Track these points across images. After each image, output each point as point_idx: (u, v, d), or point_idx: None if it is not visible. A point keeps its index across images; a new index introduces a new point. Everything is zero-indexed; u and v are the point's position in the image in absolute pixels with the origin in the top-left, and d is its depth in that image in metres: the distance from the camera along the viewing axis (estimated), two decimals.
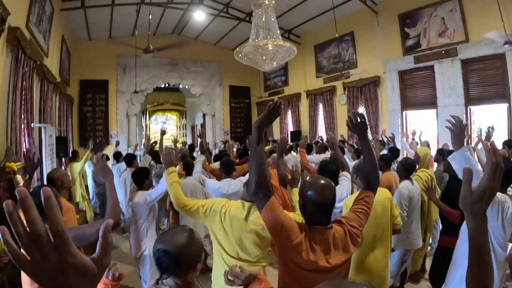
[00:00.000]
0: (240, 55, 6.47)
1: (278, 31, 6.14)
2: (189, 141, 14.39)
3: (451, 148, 6.09)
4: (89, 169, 7.38)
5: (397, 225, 3.04)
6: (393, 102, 8.71)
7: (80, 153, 7.23)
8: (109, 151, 10.73)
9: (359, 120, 1.82)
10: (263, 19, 5.98)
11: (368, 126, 9.07)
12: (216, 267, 2.23)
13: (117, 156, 6.76)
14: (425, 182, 3.53)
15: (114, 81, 11.51)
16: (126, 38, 10.81)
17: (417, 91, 8.41)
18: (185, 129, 13.95)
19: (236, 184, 3.79)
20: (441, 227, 3.58)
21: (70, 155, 7.33)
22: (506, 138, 6.84)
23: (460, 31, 7.32)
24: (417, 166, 4.10)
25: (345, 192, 3.13)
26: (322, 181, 1.64)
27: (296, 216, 2.16)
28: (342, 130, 9.91)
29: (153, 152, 6.07)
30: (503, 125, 7.19)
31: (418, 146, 6.56)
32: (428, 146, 6.57)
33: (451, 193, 3.33)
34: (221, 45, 12.87)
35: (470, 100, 7.39)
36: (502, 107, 7.06)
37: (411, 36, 8.22)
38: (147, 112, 13.38)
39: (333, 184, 1.69)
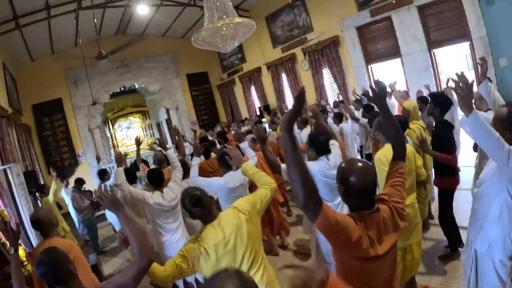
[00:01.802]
0: (198, 41, 6.13)
1: (233, 9, 5.87)
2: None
3: (425, 94, 6.32)
4: (67, 197, 6.89)
5: (421, 176, 3.14)
6: (357, 59, 8.74)
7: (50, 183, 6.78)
8: (81, 171, 10.22)
9: (377, 90, 1.80)
10: None
11: (337, 86, 9.16)
12: None
13: (102, 174, 6.28)
14: (419, 135, 3.56)
15: (68, 98, 10.71)
16: (69, 49, 10.19)
17: (378, 43, 8.45)
18: (152, 129, 13.31)
19: (239, 175, 3.59)
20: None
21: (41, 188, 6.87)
22: (472, 73, 7.16)
23: None
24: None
25: (338, 159, 3.12)
26: (360, 164, 1.55)
27: None
28: (309, 96, 9.89)
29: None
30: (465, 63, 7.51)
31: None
32: (408, 95, 6.72)
33: (441, 138, 3.46)
34: (169, 35, 12.22)
35: (432, 43, 7.52)
36: (464, 46, 7.28)
37: None
38: (109, 121, 12.59)
39: (370, 163, 1.62)
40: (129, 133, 13.06)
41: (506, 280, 2.17)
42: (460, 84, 1.94)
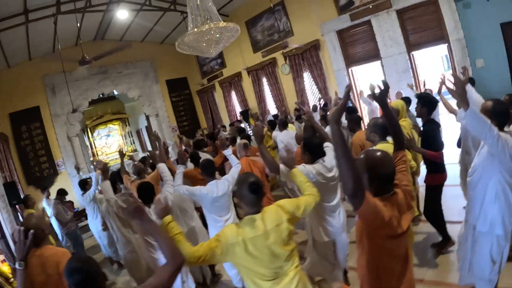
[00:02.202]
0: (182, 46, 6.09)
1: (217, 13, 5.84)
2: (138, 147, 13.55)
3: (405, 95, 6.51)
4: (49, 209, 6.56)
5: (412, 167, 3.29)
6: (337, 62, 8.87)
7: (32, 194, 6.60)
8: (61, 181, 9.88)
9: (381, 89, 2.04)
10: (198, 2, 5.63)
11: (317, 90, 9.27)
12: None
13: (83, 184, 6.08)
14: (407, 134, 3.68)
15: (46, 105, 10.33)
16: (47, 55, 9.79)
17: (358, 47, 8.62)
18: (131, 136, 13.01)
19: (223, 184, 3.56)
20: None
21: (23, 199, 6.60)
22: (450, 73, 7.39)
23: None
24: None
25: (334, 161, 3.13)
26: (379, 153, 1.76)
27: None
28: (290, 100, 9.99)
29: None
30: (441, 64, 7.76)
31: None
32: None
33: (429, 137, 3.61)
34: (148, 40, 12.03)
35: (411, 46, 7.74)
36: (442, 48, 7.52)
37: None
38: (88, 129, 12.24)
39: (387, 151, 1.81)
40: (108, 141, 12.79)
41: (496, 258, 2.51)
42: (456, 83, 2.26)
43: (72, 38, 9.80)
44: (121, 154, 4.82)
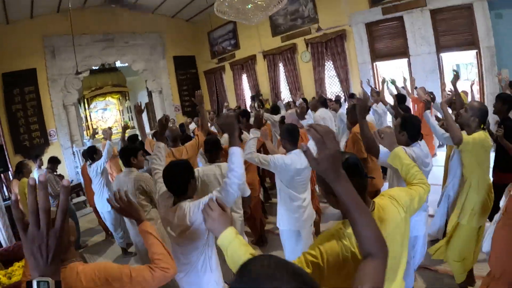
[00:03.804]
0: (222, 9, 5.61)
1: None
2: (136, 124, 12.97)
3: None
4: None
5: None
6: (363, 55, 8.69)
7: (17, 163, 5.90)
8: (52, 153, 9.12)
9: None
10: None
11: (338, 81, 9.14)
12: None
13: (92, 152, 5.46)
14: None
15: (43, 69, 9.59)
16: (51, 15, 9.22)
17: (386, 42, 8.46)
18: (130, 112, 12.40)
19: None
20: None
21: (14, 168, 6.01)
22: (476, 79, 7.47)
23: None
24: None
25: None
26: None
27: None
28: (308, 89, 9.79)
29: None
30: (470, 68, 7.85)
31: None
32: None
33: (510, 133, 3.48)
34: (159, 13, 11.49)
35: (441, 47, 7.70)
36: (471, 53, 7.57)
37: None
38: (85, 100, 11.54)
39: None
40: (105, 115, 12.15)
41: None
42: None
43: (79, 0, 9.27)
44: (139, 111, 4.38)
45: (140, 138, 4.99)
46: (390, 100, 5.83)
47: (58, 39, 9.55)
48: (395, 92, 6.72)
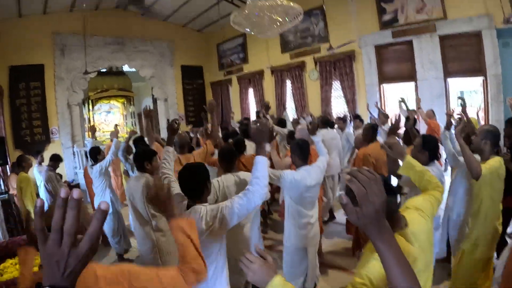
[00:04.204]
0: (238, 20, 5.56)
1: None
2: (138, 130, 12.94)
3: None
4: (40, 177, 5.84)
5: None
6: (371, 76, 8.75)
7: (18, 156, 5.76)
8: (52, 151, 9.00)
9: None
10: None
11: (345, 101, 9.15)
12: None
13: (95, 153, 5.23)
14: None
15: (51, 66, 9.62)
16: (63, 13, 9.32)
17: (394, 64, 8.53)
18: (134, 117, 12.41)
19: (316, 171, 3.10)
20: None
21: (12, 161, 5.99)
22: (482, 106, 7.50)
23: (438, 8, 7.53)
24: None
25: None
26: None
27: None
28: (314, 107, 9.79)
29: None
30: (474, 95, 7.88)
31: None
32: (434, 114, 6.87)
33: None
34: (171, 21, 11.64)
35: (448, 73, 7.75)
36: (477, 80, 7.61)
37: (388, 11, 8.24)
38: (90, 101, 11.57)
39: None
40: (108, 118, 12.17)
41: None
42: None
43: (94, 0, 9.39)
44: (147, 115, 4.32)
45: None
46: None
47: (69, 38, 9.63)
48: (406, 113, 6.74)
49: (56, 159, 5.86)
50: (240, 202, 2.08)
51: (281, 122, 6.90)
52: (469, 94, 9.65)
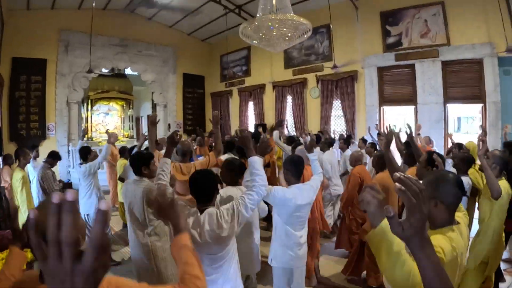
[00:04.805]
0: (247, 32, 5.57)
1: (290, 6, 5.43)
2: (135, 135, 12.84)
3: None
4: (33, 172, 5.63)
5: None
6: (371, 97, 8.82)
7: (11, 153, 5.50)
8: (47, 147, 8.85)
9: None
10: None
11: (344, 121, 9.17)
12: None
13: (85, 152, 5.10)
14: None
15: (54, 61, 9.63)
16: (71, 10, 9.37)
17: (396, 87, 8.62)
18: (132, 121, 12.34)
19: (309, 191, 2.99)
20: None
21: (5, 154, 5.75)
22: (480, 132, 7.54)
23: (442, 34, 7.70)
24: None
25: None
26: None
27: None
28: (313, 125, 9.79)
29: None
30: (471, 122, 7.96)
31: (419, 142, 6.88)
32: (430, 140, 6.86)
33: None
34: (176, 28, 11.74)
35: (448, 99, 7.83)
36: (477, 107, 7.70)
37: (393, 34, 8.40)
38: (89, 101, 11.52)
39: None
40: (106, 120, 12.10)
41: None
42: None
43: (102, 0, 9.48)
44: (152, 122, 4.20)
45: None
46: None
47: (74, 35, 9.68)
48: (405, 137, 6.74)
49: (54, 157, 5.46)
50: (250, 197, 2.23)
51: (291, 141, 6.89)
52: (466, 121, 9.75)
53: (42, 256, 0.58)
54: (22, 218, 4.23)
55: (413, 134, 6.38)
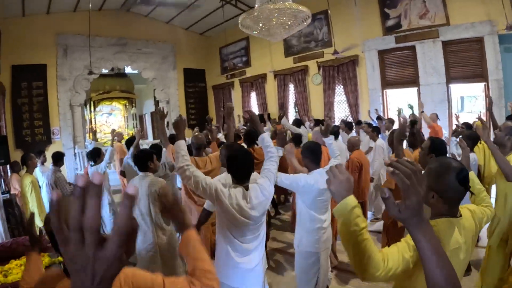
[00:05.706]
0: (246, 23, 5.60)
1: None
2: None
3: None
4: (42, 177, 5.63)
5: None
6: (374, 81, 8.82)
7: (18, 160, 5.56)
8: (53, 151, 8.96)
9: None
10: None
11: (348, 106, 9.20)
12: None
13: (95, 154, 5.16)
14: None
15: (54, 66, 9.66)
16: (66, 13, 9.35)
17: (397, 70, 8.62)
18: (135, 119, 12.41)
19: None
20: None
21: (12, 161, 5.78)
22: (483, 111, 7.56)
23: (441, 14, 7.65)
24: None
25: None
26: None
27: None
28: (317, 111, 9.83)
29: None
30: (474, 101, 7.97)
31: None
32: (437, 117, 6.91)
33: None
34: (174, 24, 11.71)
35: (450, 79, 7.82)
36: (479, 85, 7.69)
37: (391, 16, 8.35)
38: (92, 102, 11.57)
39: None
40: (109, 120, 12.18)
41: None
42: None
43: (97, 1, 9.45)
44: (162, 116, 4.28)
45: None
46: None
47: (72, 38, 9.69)
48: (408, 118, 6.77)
49: (58, 157, 5.47)
50: (275, 166, 2.63)
51: (298, 123, 6.96)
52: (469, 100, 9.72)
53: (63, 241, 0.56)
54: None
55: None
